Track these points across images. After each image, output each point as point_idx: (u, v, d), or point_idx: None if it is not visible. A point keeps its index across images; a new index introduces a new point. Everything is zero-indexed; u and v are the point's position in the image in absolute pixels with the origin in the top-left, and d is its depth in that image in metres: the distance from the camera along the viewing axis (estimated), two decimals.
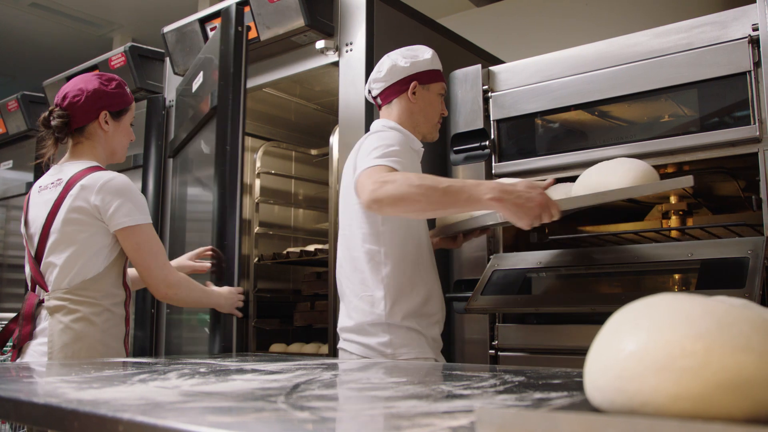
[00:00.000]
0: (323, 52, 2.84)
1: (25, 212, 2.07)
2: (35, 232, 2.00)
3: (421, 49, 2.21)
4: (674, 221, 2.41)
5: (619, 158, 2.09)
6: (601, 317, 0.79)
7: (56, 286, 1.95)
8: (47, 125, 2.05)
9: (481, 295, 2.30)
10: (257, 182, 3.99)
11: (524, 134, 2.53)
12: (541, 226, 2.72)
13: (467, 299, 2.31)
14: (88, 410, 0.85)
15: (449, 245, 2.43)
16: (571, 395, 0.93)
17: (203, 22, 3.19)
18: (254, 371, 1.38)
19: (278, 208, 4.20)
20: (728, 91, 2.10)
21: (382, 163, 1.85)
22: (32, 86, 4.89)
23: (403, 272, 2.01)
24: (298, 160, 4.33)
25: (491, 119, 2.56)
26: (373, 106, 2.69)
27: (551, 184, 1.97)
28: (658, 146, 2.20)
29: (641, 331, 0.63)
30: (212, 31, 3.16)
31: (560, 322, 2.37)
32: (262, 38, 2.94)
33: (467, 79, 2.64)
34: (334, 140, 3.15)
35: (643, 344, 0.62)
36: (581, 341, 2.20)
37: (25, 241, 2.06)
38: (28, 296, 2.01)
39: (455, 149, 2.65)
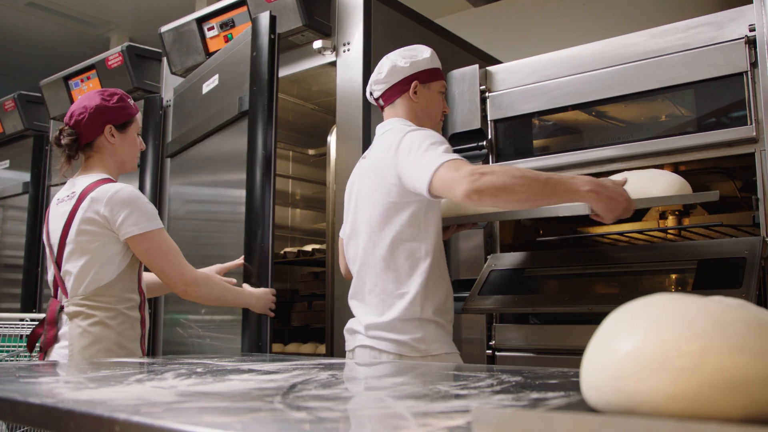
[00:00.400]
0: (321, 52, 2.84)
1: (46, 224, 2.20)
2: (54, 242, 2.13)
3: (419, 48, 2.21)
4: (671, 221, 2.41)
5: (659, 170, 2.12)
6: (598, 317, 0.79)
7: (73, 293, 2.07)
8: (59, 144, 2.18)
9: (478, 295, 2.31)
10: None
11: (521, 134, 2.53)
12: (535, 226, 2.73)
13: (464, 299, 2.31)
14: (84, 410, 0.85)
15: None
16: (567, 395, 0.93)
17: (200, 22, 3.19)
18: (251, 371, 1.38)
19: (276, 207, 4.19)
20: (725, 91, 2.11)
21: (455, 157, 1.85)
22: (29, 86, 4.88)
23: (436, 268, 2.03)
24: (295, 160, 4.33)
25: (488, 119, 2.56)
26: (371, 105, 2.69)
27: (625, 182, 1.98)
28: (655, 146, 2.20)
29: (638, 331, 0.63)
30: (210, 30, 3.16)
31: (557, 322, 2.38)
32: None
33: (464, 79, 2.64)
34: (331, 140, 3.15)
35: (639, 344, 0.62)
36: (578, 341, 2.20)
37: (47, 250, 2.18)
38: (51, 302, 2.14)
39: (453, 149, 2.64)
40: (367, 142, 2.69)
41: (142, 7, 6.83)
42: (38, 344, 2.15)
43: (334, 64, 2.84)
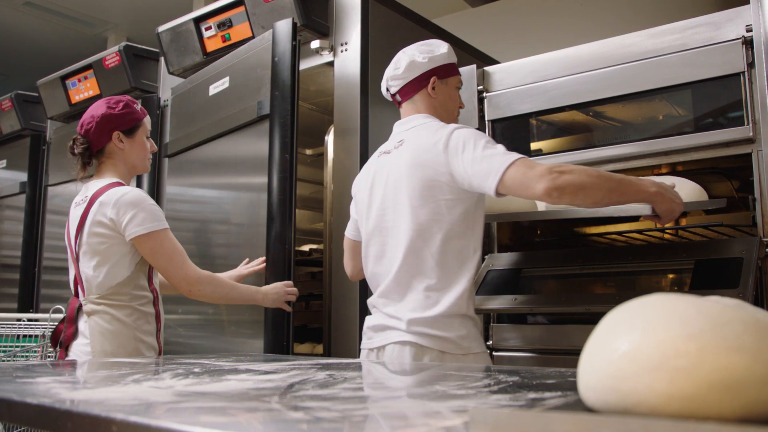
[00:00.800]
0: (318, 52, 2.84)
1: (66, 226, 2.32)
2: (72, 244, 2.25)
3: (436, 43, 2.17)
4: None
5: (674, 176, 2.19)
6: (595, 317, 0.79)
7: (89, 292, 2.18)
8: (73, 153, 2.30)
9: (476, 295, 2.31)
10: None
11: (519, 134, 2.53)
12: (533, 226, 2.73)
13: None
14: (81, 410, 0.84)
15: None
16: (564, 395, 0.93)
17: (198, 21, 3.18)
18: (248, 371, 1.37)
19: None
20: (722, 91, 2.11)
21: (520, 155, 1.85)
22: (26, 85, 4.88)
23: (477, 266, 2.03)
24: None
25: (486, 119, 2.57)
26: (368, 105, 2.69)
27: (674, 186, 2.01)
28: (652, 146, 2.21)
29: (635, 331, 0.63)
30: (207, 30, 3.15)
31: (555, 322, 2.38)
32: (257, 38, 2.93)
33: (462, 79, 2.64)
34: (329, 140, 3.15)
35: (636, 344, 0.62)
36: (575, 341, 2.21)
37: (68, 251, 2.29)
38: (71, 301, 2.26)
39: None
40: (365, 141, 2.69)
41: (139, 6, 6.82)
42: (60, 340, 2.25)
43: (331, 64, 2.83)
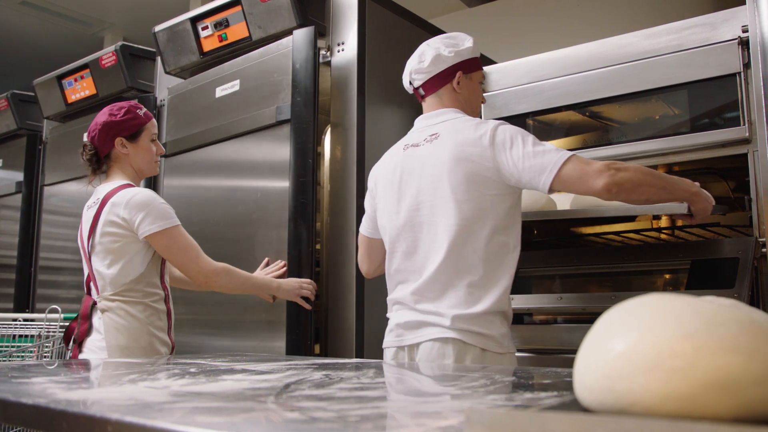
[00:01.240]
0: None
1: (79, 229, 2.39)
2: (85, 244, 2.32)
3: (461, 36, 2.13)
4: (664, 221, 2.42)
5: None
6: (591, 317, 0.80)
7: (103, 289, 2.25)
8: (83, 159, 2.40)
9: None
10: None
11: None
12: (530, 226, 2.73)
13: None
14: (76, 411, 0.84)
15: None
16: (560, 395, 0.93)
17: (194, 21, 3.18)
18: (244, 371, 1.37)
19: None
20: (718, 92, 2.11)
21: (572, 152, 1.86)
22: (23, 85, 4.86)
23: (517, 262, 2.00)
24: None
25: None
26: (365, 105, 2.69)
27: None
28: (648, 147, 2.21)
29: (631, 331, 0.63)
30: (204, 30, 3.15)
31: (551, 321, 2.38)
32: (253, 38, 2.93)
33: None
34: (325, 140, 3.15)
35: (632, 344, 0.62)
36: (571, 341, 2.21)
37: (81, 252, 2.37)
38: (84, 299, 2.33)
39: None
40: (361, 141, 2.69)
41: (135, 6, 6.80)
42: (73, 337, 2.31)
43: (328, 63, 2.83)
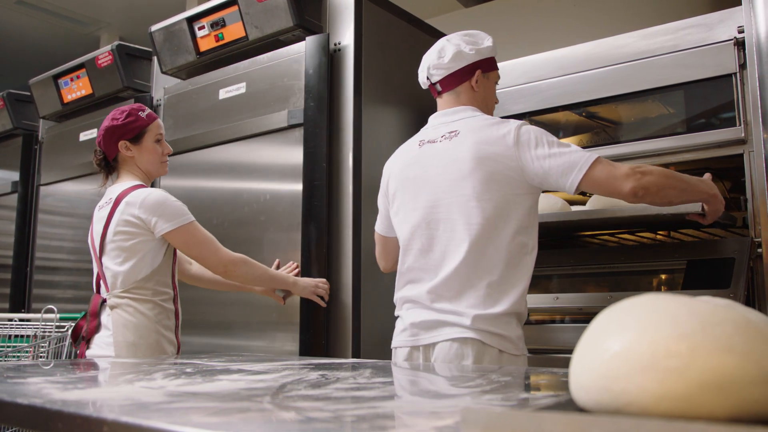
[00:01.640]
0: None
1: (90, 229, 2.44)
2: (96, 243, 2.36)
3: (480, 35, 2.12)
4: None
5: None
6: (587, 317, 0.80)
7: (113, 287, 2.29)
8: (94, 163, 2.49)
9: None
10: None
11: None
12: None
13: None
14: (72, 411, 0.84)
15: None
16: (556, 395, 0.93)
17: (191, 21, 3.17)
18: (240, 371, 1.37)
19: None
20: (714, 92, 2.12)
21: (597, 154, 1.87)
22: (18, 84, 4.84)
23: (534, 263, 1.99)
24: None
25: None
26: (362, 105, 2.69)
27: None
28: (645, 147, 2.21)
29: (627, 331, 0.64)
30: (200, 30, 3.14)
31: (547, 321, 2.38)
32: (250, 38, 2.93)
33: None
34: None
35: (628, 344, 0.62)
36: (568, 341, 2.21)
37: (91, 251, 2.41)
38: (93, 297, 2.37)
39: None
40: (358, 141, 2.68)
41: (132, 5, 6.79)
42: (81, 334, 2.35)
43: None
